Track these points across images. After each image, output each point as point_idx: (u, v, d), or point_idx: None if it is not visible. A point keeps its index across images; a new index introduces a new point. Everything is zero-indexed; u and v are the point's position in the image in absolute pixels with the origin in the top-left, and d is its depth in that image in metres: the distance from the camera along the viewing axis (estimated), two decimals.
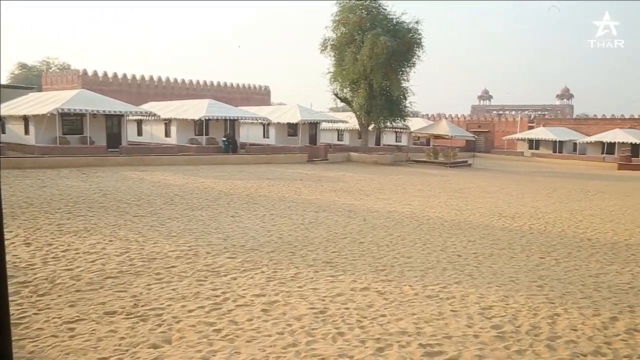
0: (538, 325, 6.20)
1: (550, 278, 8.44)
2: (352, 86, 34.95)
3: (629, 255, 10.56)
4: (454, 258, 9.49)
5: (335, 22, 33.87)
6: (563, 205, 17.95)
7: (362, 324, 6.01)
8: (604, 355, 5.42)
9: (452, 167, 35.40)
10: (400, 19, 34.12)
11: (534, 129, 56.41)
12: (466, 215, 14.75)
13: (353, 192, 18.97)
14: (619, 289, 8.03)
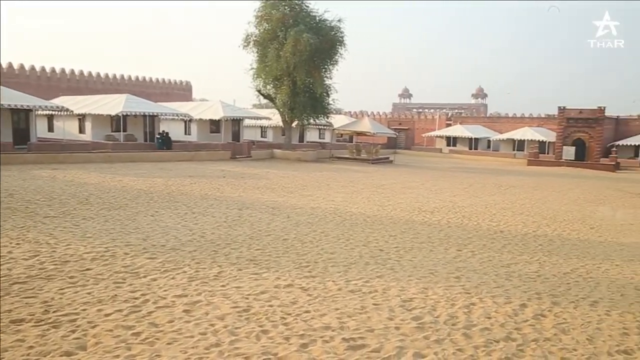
0: (455, 315, 6.45)
1: (466, 269, 8.81)
2: (275, 83, 34.81)
3: (537, 245, 11.23)
4: (376, 253, 9.68)
5: (257, 18, 33.59)
6: (478, 200, 18.81)
7: (286, 320, 6.00)
8: (514, 340, 5.73)
9: (374, 163, 36.15)
10: (323, 17, 34.37)
11: (452, 127, 58.73)
12: (388, 210, 15.11)
13: (277, 189, 18.92)
14: (528, 277, 8.52)
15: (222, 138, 35.69)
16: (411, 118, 65.34)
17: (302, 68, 32.16)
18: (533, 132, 51.53)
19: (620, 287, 8.22)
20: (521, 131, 52.48)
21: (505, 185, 25.11)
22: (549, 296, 7.49)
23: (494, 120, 60.54)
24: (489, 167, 39.00)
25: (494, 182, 26.16)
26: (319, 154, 38.02)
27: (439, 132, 57.99)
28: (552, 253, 10.52)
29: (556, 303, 7.17)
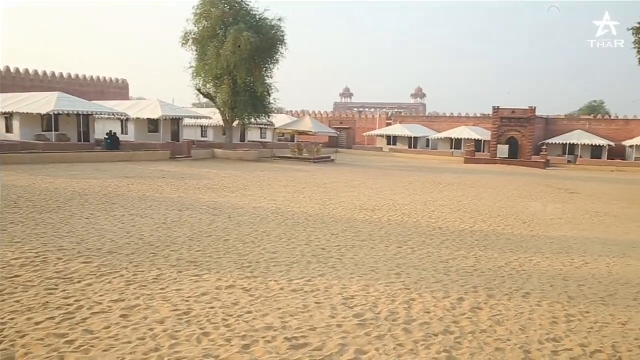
0: (396, 311, 6.57)
1: (406, 266, 8.99)
2: (215, 82, 34.30)
3: (474, 241, 11.61)
4: (318, 251, 9.72)
5: (196, 16, 32.99)
6: (418, 197, 19.24)
7: (227, 322, 5.92)
8: (452, 333, 5.90)
9: (316, 162, 36.30)
10: (263, 16, 34.17)
11: (392, 126, 59.82)
12: (330, 209, 15.20)
13: (218, 189, 18.67)
14: (466, 272, 8.79)
15: (161, 138, 34.83)
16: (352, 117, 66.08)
17: (243, 67, 31.85)
18: (470, 131, 53.28)
19: (550, 278, 8.61)
20: (458, 130, 54.14)
21: (444, 183, 25.80)
22: (485, 289, 7.75)
23: (433, 120, 62.19)
24: (428, 166, 39.97)
25: (433, 180, 26.83)
26: (261, 154, 37.81)
27: (380, 131, 58.94)
28: (488, 248, 10.90)
29: (492, 296, 7.43)
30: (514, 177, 31.66)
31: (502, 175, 33.61)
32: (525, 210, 17.25)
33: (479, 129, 54.17)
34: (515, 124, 47.60)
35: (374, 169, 34.35)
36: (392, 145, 57.19)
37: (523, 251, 10.73)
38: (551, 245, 11.49)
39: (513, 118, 47.62)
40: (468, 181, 27.38)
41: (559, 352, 5.50)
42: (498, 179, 29.66)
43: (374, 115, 66.09)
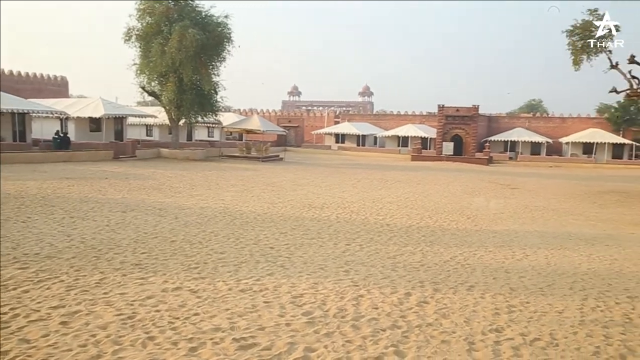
0: (344, 308, 6.61)
1: (355, 263, 9.06)
2: (160, 79, 33.50)
3: (420, 236, 11.83)
4: (266, 250, 9.67)
5: (139, 12, 32.10)
6: (366, 195, 19.44)
7: (174, 325, 5.80)
8: (400, 328, 5.99)
9: (264, 161, 36.12)
10: (209, 13, 33.63)
11: (340, 124, 60.22)
12: (278, 208, 15.15)
13: (164, 189, 18.27)
14: (412, 267, 8.95)
15: (103, 137, 33.74)
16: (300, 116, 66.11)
17: (189, 64, 31.24)
18: (416, 128, 54.34)
19: (493, 271, 8.89)
20: (405, 128, 55.13)
21: (391, 180, 26.19)
22: (431, 284, 7.91)
23: (380, 118, 63.04)
24: (376, 163, 40.48)
25: (381, 177, 27.19)
26: (208, 153, 37.29)
27: (328, 129, 59.23)
28: (434, 243, 11.14)
29: (437, 290, 7.60)
30: (459, 174, 32.51)
31: (448, 171, 34.45)
32: (469, 205, 17.73)
33: (425, 127, 55.32)
34: (459, 121, 48.91)
35: (323, 167, 34.48)
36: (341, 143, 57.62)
37: (467, 245, 11.02)
38: (494, 239, 11.86)
39: (457, 116, 48.91)
40: (415, 178, 27.91)
41: (501, 342, 5.68)
42: (443, 176, 30.38)
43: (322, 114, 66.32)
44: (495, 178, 30.28)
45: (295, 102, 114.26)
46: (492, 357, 5.28)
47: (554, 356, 5.36)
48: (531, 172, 36.66)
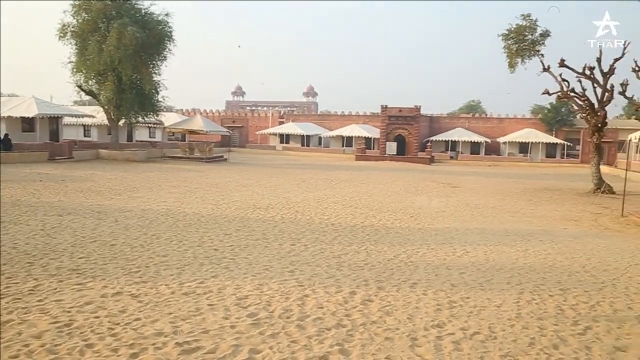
0: (290, 308, 6.60)
1: (300, 263, 9.07)
2: (98, 78, 32.45)
3: (365, 235, 11.97)
4: (210, 252, 9.53)
5: (75, 7, 30.96)
6: (311, 195, 19.50)
7: (114, 331, 5.62)
8: (345, 326, 6.04)
9: (208, 162, 35.61)
10: (149, 10, 32.84)
11: (284, 124, 60.13)
12: (222, 209, 14.97)
13: (103, 191, 17.68)
14: (357, 266, 9.04)
15: (37, 138, 32.28)
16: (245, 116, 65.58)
17: (128, 63, 30.40)
18: (360, 129, 55.01)
19: (435, 268, 9.11)
20: (349, 128, 55.69)
21: (336, 180, 26.39)
22: (376, 282, 8.02)
23: (324, 118, 63.42)
24: (321, 163, 40.67)
25: (325, 177, 27.34)
26: (150, 154, 36.42)
27: (273, 129, 59.05)
28: (378, 242, 11.30)
29: (381, 288, 7.71)
30: (402, 173, 33.13)
31: (391, 171, 35.05)
32: (412, 204, 18.10)
33: (368, 127, 56.08)
34: (402, 122, 49.84)
35: (267, 167, 34.34)
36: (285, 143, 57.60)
37: (410, 243, 11.24)
38: (436, 237, 12.16)
39: (400, 116, 49.82)
40: (359, 178, 28.23)
41: (443, 337, 5.83)
42: (387, 175, 30.88)
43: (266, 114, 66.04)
44: (437, 177, 31.06)
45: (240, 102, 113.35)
46: (434, 352, 5.41)
47: (493, 349, 5.54)
48: (471, 171, 37.83)
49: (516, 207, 18.25)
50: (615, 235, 13.24)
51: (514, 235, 12.78)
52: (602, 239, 12.54)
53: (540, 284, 8.28)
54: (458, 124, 56.57)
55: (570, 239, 12.39)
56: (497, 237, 12.47)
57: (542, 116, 53.36)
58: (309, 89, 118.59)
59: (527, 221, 15.22)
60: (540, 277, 8.68)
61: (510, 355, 5.38)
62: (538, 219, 15.63)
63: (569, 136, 52.34)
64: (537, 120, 54.13)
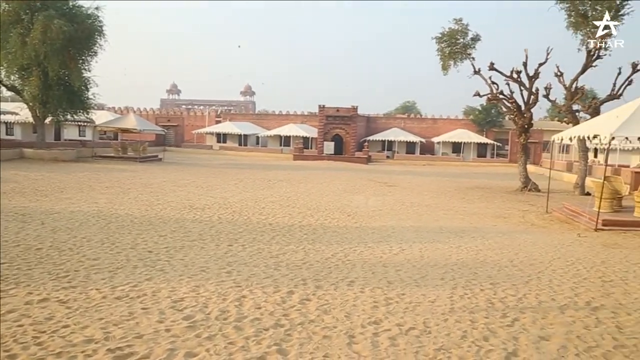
0: (227, 310, 6.50)
1: (237, 263, 8.96)
2: (21, 73, 30.79)
3: (303, 235, 11.98)
4: (145, 255, 9.24)
5: None
6: (248, 194, 19.34)
7: (39, 339, 5.33)
8: (283, 326, 6.01)
9: (142, 162, 34.62)
10: (77, 3, 31.49)
11: (221, 124, 59.39)
12: (157, 210, 14.58)
13: (28, 193, 16.79)
14: (295, 265, 9.03)
15: None
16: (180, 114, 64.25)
17: (55, 58, 28.99)
18: (298, 128, 55.13)
19: (372, 265, 9.23)
20: (287, 128, 55.69)
21: (274, 179, 26.30)
22: (313, 281, 8.04)
23: (262, 117, 63.10)
24: (259, 163, 40.44)
25: (263, 177, 27.20)
26: (79, 153, 34.99)
27: (209, 128, 58.18)
28: (316, 241, 11.34)
29: (319, 287, 7.73)
30: (340, 172, 33.45)
31: (329, 170, 35.32)
32: (349, 203, 18.30)
33: (306, 127, 56.28)
34: (339, 121, 50.35)
35: (204, 167, 33.77)
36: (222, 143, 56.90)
37: (348, 242, 11.35)
38: (373, 235, 12.34)
39: (338, 116, 50.31)
40: (297, 177, 28.26)
41: (379, 333, 5.91)
42: (325, 175, 31.09)
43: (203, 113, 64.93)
44: (374, 176, 31.57)
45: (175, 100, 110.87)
46: (371, 349, 5.48)
47: (427, 343, 5.68)
48: (407, 170, 38.72)
49: (450, 205, 18.82)
50: (540, 231, 13.90)
51: (448, 232, 13.17)
52: (529, 235, 13.14)
53: (472, 278, 8.56)
54: (394, 124, 57.77)
55: (499, 235, 12.90)
56: (431, 234, 12.81)
57: (474, 117, 55.35)
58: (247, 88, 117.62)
59: (460, 218, 15.73)
60: (472, 273, 8.97)
61: (444, 349, 5.53)
62: (470, 217, 16.19)
63: (498, 137, 54.59)
64: (469, 121, 56.09)
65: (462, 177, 34.31)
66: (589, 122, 19.68)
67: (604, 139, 14.36)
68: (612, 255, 10.88)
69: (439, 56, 27.67)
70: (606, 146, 15.43)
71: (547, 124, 51.51)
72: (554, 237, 12.91)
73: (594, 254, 10.96)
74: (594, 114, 23.76)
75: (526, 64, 25.26)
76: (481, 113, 54.03)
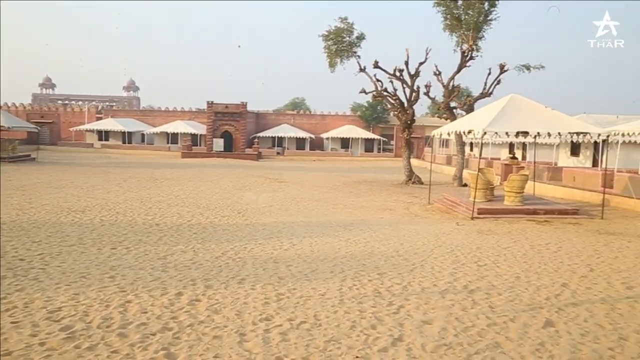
0: (110, 317, 6.15)
1: (122, 267, 8.52)
2: None
3: (192, 234, 11.67)
4: (15, 263, 8.49)
5: None
6: (134, 195, 18.48)
7: None
8: (171, 330, 5.80)
9: (12, 162, 31.87)
10: None
11: (103, 120, 56.25)
12: (30, 214, 13.48)
13: None
14: (184, 266, 8.77)
15: None
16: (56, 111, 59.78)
17: None
18: (185, 125, 53.64)
19: (262, 262, 9.20)
20: (174, 124, 53.98)
21: (161, 178, 25.38)
22: (203, 280, 7.85)
23: (147, 114, 60.56)
24: (145, 161, 38.85)
25: (150, 176, 26.16)
26: None
27: (89, 125, 54.91)
28: (206, 240, 11.09)
29: (209, 286, 7.57)
30: (230, 170, 33.03)
31: (219, 168, 34.75)
32: (240, 200, 18.12)
33: (194, 123, 54.93)
34: (229, 118, 49.71)
35: (84, 166, 31.79)
36: (104, 140, 53.94)
37: (238, 240, 11.23)
38: (263, 232, 12.31)
39: (227, 113, 49.63)
40: (185, 175, 27.51)
41: (271, 330, 5.90)
42: (215, 172, 30.55)
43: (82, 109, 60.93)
44: (265, 173, 31.55)
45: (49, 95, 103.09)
46: (263, 345, 5.45)
47: (318, 335, 5.76)
48: (297, 166, 39.11)
49: (339, 200, 19.28)
50: (423, 221, 14.67)
51: (337, 226, 13.47)
52: (413, 225, 13.81)
53: (361, 270, 8.83)
54: (284, 120, 58.09)
55: (386, 227, 13.42)
56: (321, 228, 13.03)
57: (361, 113, 57.16)
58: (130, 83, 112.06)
59: (348, 212, 16.16)
60: (361, 264, 9.25)
61: (334, 340, 5.64)
62: (358, 210, 16.69)
63: (384, 132, 56.84)
64: (357, 117, 57.82)
65: (351, 171, 35.31)
66: (464, 118, 21.12)
67: (477, 133, 15.46)
68: (486, 241, 11.74)
69: (326, 54, 28.18)
70: (480, 140, 16.62)
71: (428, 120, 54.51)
72: (436, 227, 13.67)
73: (471, 240, 11.76)
74: (469, 110, 25.56)
75: (408, 63, 26.52)
76: (368, 109, 55.92)
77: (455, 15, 25.21)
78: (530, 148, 28.63)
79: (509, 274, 8.76)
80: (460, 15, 25.18)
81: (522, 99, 16.94)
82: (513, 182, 16.23)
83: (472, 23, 24.65)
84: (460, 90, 27.65)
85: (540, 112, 16.47)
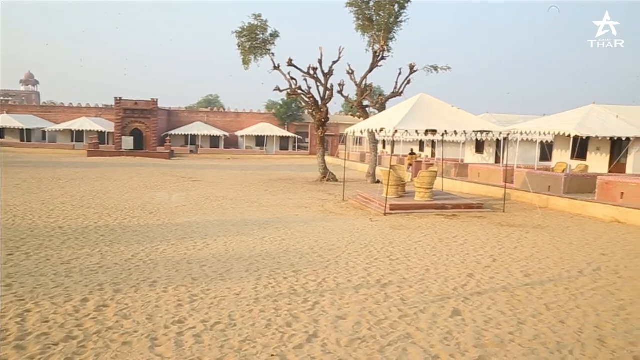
0: (6, 328, 5.72)
1: (20, 274, 7.96)
2: None
3: (99, 237, 11.12)
4: None
5: None
6: (34, 196, 17.34)
7: None
8: (75, 338, 5.49)
9: None
10: None
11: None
12: None
13: None
14: (90, 270, 8.33)
15: None
16: None
17: None
18: (91, 122, 51.16)
19: (175, 263, 8.94)
20: (79, 121, 51.31)
21: (65, 178, 24.02)
22: (111, 285, 7.50)
23: (49, 110, 56.95)
24: (47, 160, 36.59)
25: (52, 176, 24.66)
26: None
27: None
28: (114, 242, 10.61)
29: (118, 290, 7.24)
30: (141, 168, 31.85)
31: (129, 166, 33.40)
32: (151, 200, 17.51)
33: (101, 120, 52.48)
34: (138, 115, 47.88)
35: None
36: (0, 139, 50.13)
37: (150, 241, 10.84)
38: (176, 232, 11.96)
39: (136, 109, 47.79)
40: (92, 175, 26.21)
41: (184, 332, 5.74)
42: (124, 171, 29.33)
43: None
44: (177, 171, 30.69)
45: None
46: (175, 349, 5.29)
47: (232, 335, 5.67)
48: (211, 165, 38.38)
49: (254, 198, 19.13)
50: (338, 218, 14.88)
51: (252, 224, 13.36)
52: (328, 222, 13.97)
53: (276, 268, 8.80)
54: (197, 118, 56.78)
55: (301, 225, 13.48)
56: (236, 227, 12.87)
57: (276, 111, 57.05)
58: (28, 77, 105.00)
59: (264, 210, 16.07)
60: (276, 262, 9.23)
61: (249, 339, 5.58)
62: (274, 208, 16.65)
63: (299, 130, 57.06)
64: (272, 115, 57.64)
65: (266, 169, 35.16)
66: (376, 116, 21.65)
67: (389, 131, 15.89)
68: (398, 236, 12.11)
69: (239, 50, 27.83)
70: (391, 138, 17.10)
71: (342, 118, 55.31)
72: (350, 223, 13.91)
73: (384, 236, 12.08)
74: (381, 109, 26.25)
75: (321, 61, 26.75)
76: (282, 107, 55.90)
77: (367, 16, 25.77)
78: (439, 146, 29.84)
79: (420, 267, 9.08)
80: (372, 16, 25.78)
81: (431, 99, 17.62)
82: (423, 178, 16.86)
83: (383, 24, 25.32)
84: (372, 89, 28.30)
85: (447, 111, 17.21)
